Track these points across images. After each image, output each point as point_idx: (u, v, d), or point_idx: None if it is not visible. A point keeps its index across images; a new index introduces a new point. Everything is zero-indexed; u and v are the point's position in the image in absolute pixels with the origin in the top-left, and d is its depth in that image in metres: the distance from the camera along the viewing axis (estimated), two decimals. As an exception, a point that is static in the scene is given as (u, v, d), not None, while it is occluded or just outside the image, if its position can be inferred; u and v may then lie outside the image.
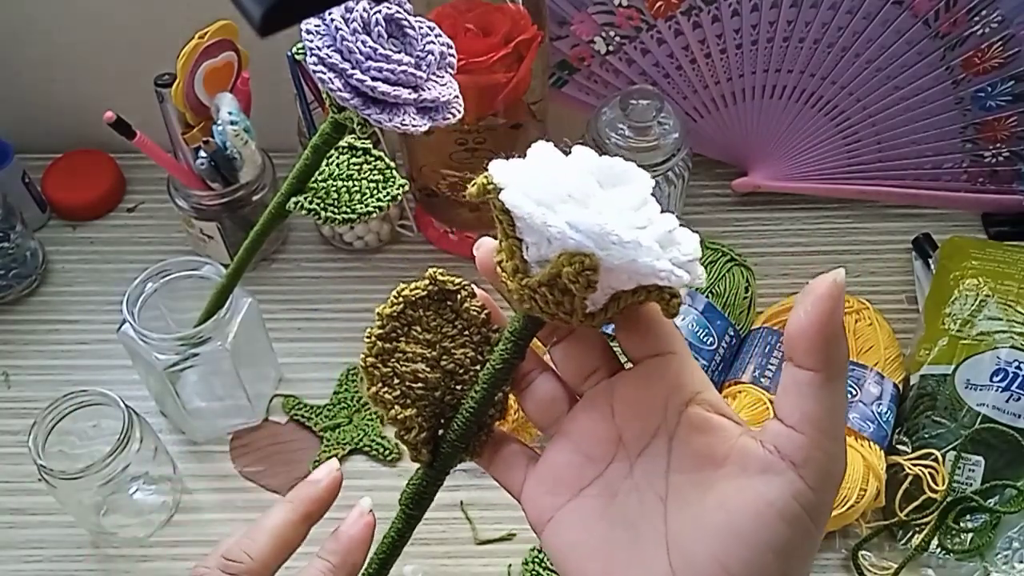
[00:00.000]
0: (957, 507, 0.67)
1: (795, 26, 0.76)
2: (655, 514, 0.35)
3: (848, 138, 0.83)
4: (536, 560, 0.68)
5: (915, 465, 0.68)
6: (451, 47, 0.52)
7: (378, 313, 0.38)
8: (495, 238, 0.37)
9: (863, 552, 0.68)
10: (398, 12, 0.50)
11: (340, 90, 0.48)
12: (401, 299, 0.38)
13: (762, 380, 0.70)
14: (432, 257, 0.84)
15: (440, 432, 0.40)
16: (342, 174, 0.58)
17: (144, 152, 0.73)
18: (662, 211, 0.35)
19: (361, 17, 0.48)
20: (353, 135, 0.54)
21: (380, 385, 0.38)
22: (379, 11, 0.49)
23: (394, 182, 0.58)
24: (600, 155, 0.36)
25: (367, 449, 0.74)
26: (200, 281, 0.68)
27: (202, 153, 0.75)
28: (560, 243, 0.33)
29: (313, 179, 0.57)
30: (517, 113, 0.74)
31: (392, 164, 0.58)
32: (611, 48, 0.80)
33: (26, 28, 0.81)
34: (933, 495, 0.67)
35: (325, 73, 0.48)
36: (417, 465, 0.40)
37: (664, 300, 0.34)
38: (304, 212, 0.56)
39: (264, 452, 0.74)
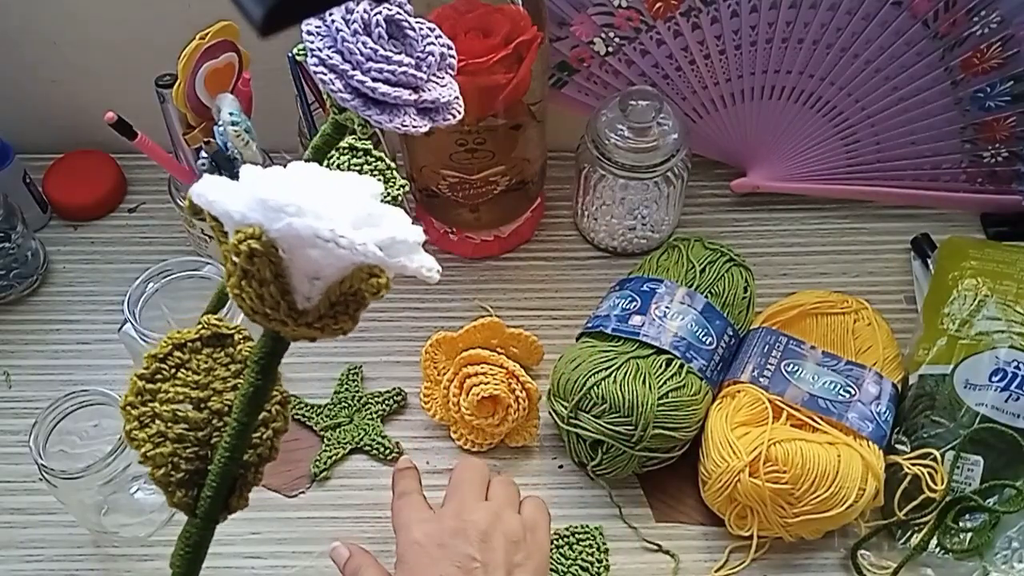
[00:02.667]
0: (956, 507, 0.67)
1: (794, 27, 0.77)
2: None
3: (847, 139, 0.83)
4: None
5: (914, 465, 0.68)
6: (451, 48, 0.52)
7: (145, 355, 0.39)
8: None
9: (862, 551, 0.68)
10: (398, 13, 0.50)
11: (341, 91, 0.48)
12: (170, 342, 0.38)
13: (761, 380, 0.70)
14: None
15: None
16: (342, 175, 0.58)
17: (145, 153, 0.73)
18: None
19: (362, 18, 0.49)
20: (354, 136, 0.54)
21: (135, 424, 0.38)
22: (379, 12, 0.49)
23: (394, 182, 0.58)
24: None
25: (367, 449, 0.74)
26: (201, 281, 0.68)
27: (203, 154, 0.75)
28: (231, 221, 0.32)
29: (314, 179, 0.57)
30: (517, 114, 0.74)
31: (392, 165, 0.58)
32: (611, 49, 0.80)
33: (27, 28, 0.82)
34: (932, 495, 0.67)
35: (326, 74, 0.48)
36: None
37: (365, 280, 0.32)
38: (304, 212, 0.56)
39: (264, 452, 0.74)
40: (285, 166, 0.34)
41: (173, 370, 0.39)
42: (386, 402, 0.76)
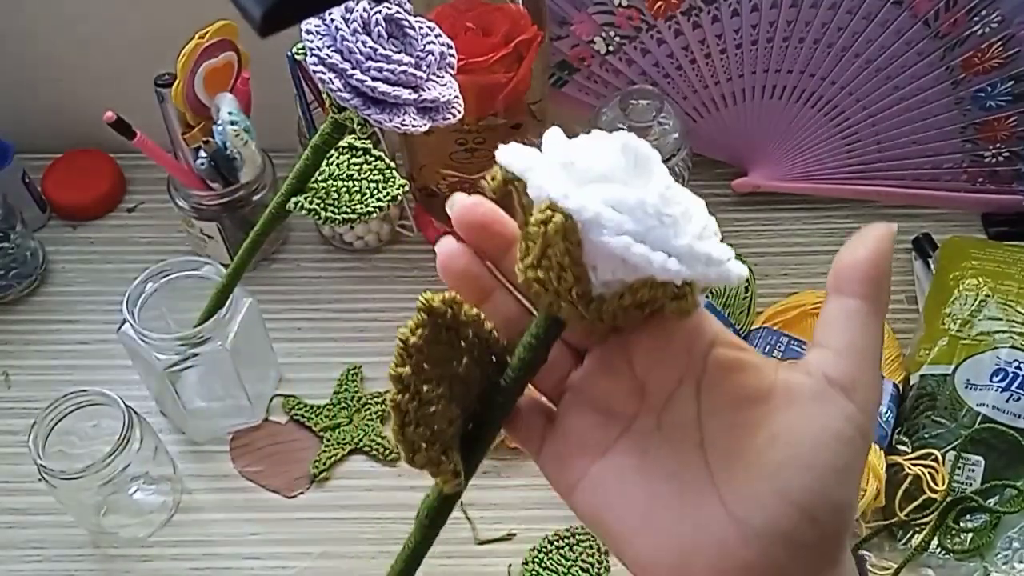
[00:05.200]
0: (957, 507, 0.67)
1: (795, 26, 0.77)
2: (696, 463, 0.34)
3: (848, 138, 0.83)
4: (536, 560, 0.68)
5: (915, 465, 0.68)
6: (451, 47, 0.52)
7: (390, 374, 0.35)
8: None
9: (863, 552, 0.68)
10: (398, 12, 0.50)
11: (340, 90, 0.48)
12: (412, 349, 0.35)
13: (762, 380, 0.70)
14: (432, 257, 0.84)
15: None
16: (342, 174, 0.58)
17: (144, 152, 0.73)
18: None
19: (361, 17, 0.48)
20: (353, 135, 0.54)
21: (412, 427, 0.35)
22: (379, 11, 0.49)
23: (394, 182, 0.58)
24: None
25: (367, 449, 0.74)
26: (200, 281, 0.68)
27: (202, 153, 0.75)
28: (592, 219, 0.32)
29: (313, 179, 0.57)
30: (517, 113, 0.74)
31: (392, 164, 0.58)
32: (611, 48, 0.80)
33: (27, 28, 0.81)
34: (933, 495, 0.67)
35: (325, 73, 0.48)
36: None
37: (669, 298, 0.32)
38: (304, 212, 0.56)
39: (264, 452, 0.74)
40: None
41: (420, 370, 0.35)
42: (386, 402, 0.76)
